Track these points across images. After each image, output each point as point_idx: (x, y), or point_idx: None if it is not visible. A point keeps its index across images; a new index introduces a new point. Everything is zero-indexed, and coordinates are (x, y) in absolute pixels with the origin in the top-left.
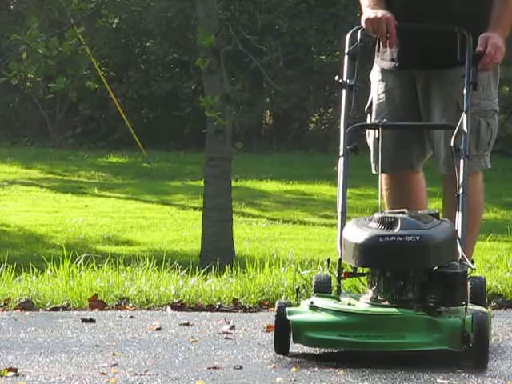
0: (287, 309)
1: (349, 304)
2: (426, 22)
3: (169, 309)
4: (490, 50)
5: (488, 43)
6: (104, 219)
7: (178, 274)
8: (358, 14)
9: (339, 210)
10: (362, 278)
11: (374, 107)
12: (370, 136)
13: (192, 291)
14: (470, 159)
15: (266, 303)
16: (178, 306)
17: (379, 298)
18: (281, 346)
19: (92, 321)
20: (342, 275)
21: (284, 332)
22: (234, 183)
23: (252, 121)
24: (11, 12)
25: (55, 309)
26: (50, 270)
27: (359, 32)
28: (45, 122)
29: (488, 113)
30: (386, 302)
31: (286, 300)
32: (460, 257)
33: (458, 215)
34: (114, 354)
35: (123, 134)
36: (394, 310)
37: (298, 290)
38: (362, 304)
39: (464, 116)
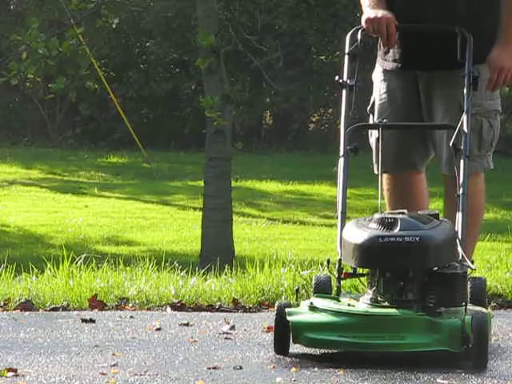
0: (287, 309)
1: (348, 305)
2: (427, 23)
3: (169, 309)
4: (492, 76)
5: (490, 68)
6: (104, 219)
7: (177, 274)
8: (358, 14)
9: (339, 210)
10: (362, 279)
11: (376, 107)
12: (372, 136)
13: (192, 291)
14: (472, 160)
15: (266, 303)
16: (178, 306)
17: (379, 298)
18: (280, 347)
19: (92, 321)
20: (342, 276)
21: (284, 332)
22: (234, 183)
23: (252, 121)
24: (11, 12)
25: (55, 309)
26: (50, 270)
27: (359, 32)
28: (45, 122)
29: (490, 113)
30: (386, 303)
31: (286, 300)
32: (460, 257)
33: (458, 215)
34: (113, 354)
35: (123, 134)
36: (393, 310)
37: (297, 290)
38: (362, 305)
39: (464, 116)
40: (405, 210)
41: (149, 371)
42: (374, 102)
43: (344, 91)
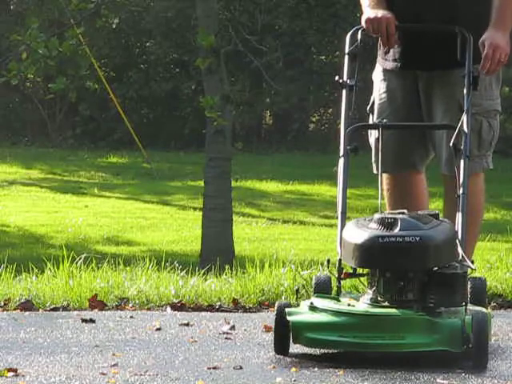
0: (287, 309)
1: (348, 305)
2: (427, 23)
3: (169, 309)
4: (488, 51)
5: (485, 45)
6: (104, 219)
7: (177, 274)
8: (358, 14)
9: (339, 210)
10: (362, 279)
11: (375, 107)
12: (372, 136)
13: (192, 291)
14: (471, 160)
15: (266, 303)
16: (178, 306)
17: (379, 298)
18: (280, 347)
19: (92, 321)
20: (342, 276)
21: (284, 332)
22: (234, 183)
23: (252, 121)
24: (11, 12)
25: (55, 309)
26: (50, 270)
27: (359, 32)
28: (45, 122)
29: (490, 113)
30: (386, 303)
31: (286, 300)
32: (460, 257)
33: (458, 215)
34: (113, 354)
35: (123, 134)
36: (393, 310)
37: (297, 290)
38: (362, 305)
39: (464, 116)
40: (405, 210)
41: (149, 371)
42: (373, 102)
43: (344, 91)
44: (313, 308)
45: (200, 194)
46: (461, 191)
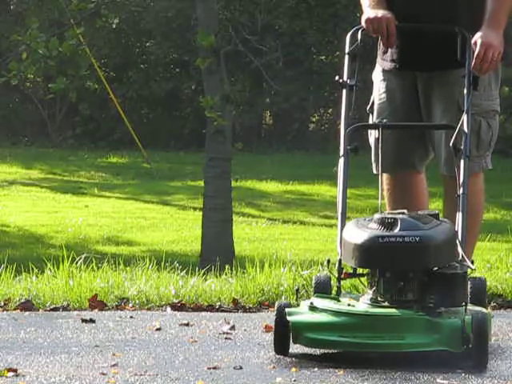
0: (287, 309)
1: (348, 305)
2: (427, 23)
3: (169, 309)
4: (480, 50)
5: (477, 44)
6: (104, 219)
7: (177, 275)
8: (358, 14)
9: (339, 210)
10: (362, 279)
11: (375, 107)
12: (372, 136)
13: (192, 291)
14: (471, 160)
15: (266, 303)
16: (178, 307)
17: (379, 298)
18: (280, 347)
19: (92, 321)
20: (342, 276)
21: (284, 332)
22: (234, 183)
23: (252, 121)
24: (11, 12)
25: (55, 309)
26: (50, 270)
27: (359, 32)
28: (45, 122)
29: (489, 113)
30: (386, 303)
31: (286, 300)
32: (460, 257)
33: (458, 215)
34: (114, 354)
35: (123, 134)
36: (393, 310)
37: (297, 290)
38: (362, 305)
39: (464, 116)
40: (405, 210)
41: (149, 371)
42: (373, 102)
43: (344, 91)
44: (313, 308)
45: (200, 194)
46: (461, 191)
